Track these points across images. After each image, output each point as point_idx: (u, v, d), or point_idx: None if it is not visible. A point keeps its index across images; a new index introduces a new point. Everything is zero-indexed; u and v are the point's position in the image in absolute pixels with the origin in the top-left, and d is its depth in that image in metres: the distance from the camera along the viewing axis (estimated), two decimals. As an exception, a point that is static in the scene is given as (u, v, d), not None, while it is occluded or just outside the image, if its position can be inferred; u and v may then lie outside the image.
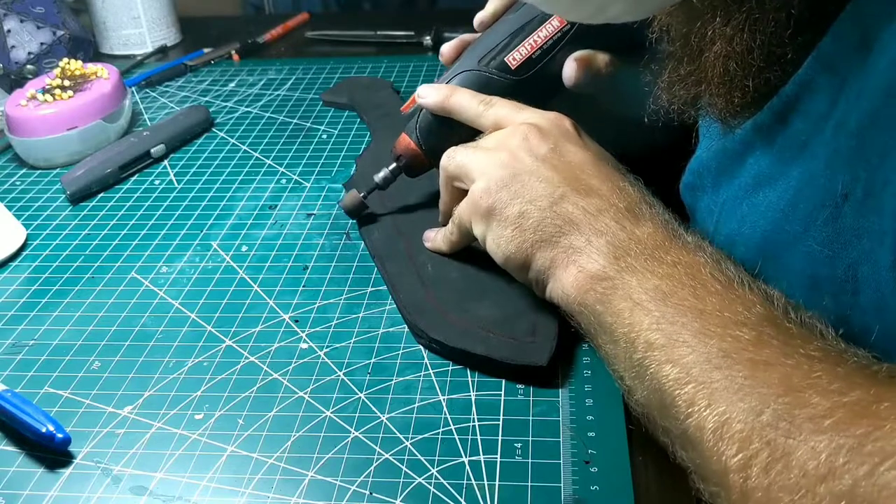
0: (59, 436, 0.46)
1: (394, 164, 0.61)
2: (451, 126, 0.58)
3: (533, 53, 0.58)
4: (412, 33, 1.05)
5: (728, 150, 0.45)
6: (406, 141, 0.60)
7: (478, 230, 0.51)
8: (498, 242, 0.49)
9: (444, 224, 0.58)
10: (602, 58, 0.58)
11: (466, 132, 0.56)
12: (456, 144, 0.57)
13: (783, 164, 0.41)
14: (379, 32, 1.07)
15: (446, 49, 0.63)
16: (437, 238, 0.58)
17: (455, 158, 0.54)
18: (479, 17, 0.61)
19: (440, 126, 0.59)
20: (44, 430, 0.46)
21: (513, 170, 0.50)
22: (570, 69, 0.57)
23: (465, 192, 0.53)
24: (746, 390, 0.34)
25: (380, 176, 0.61)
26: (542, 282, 0.48)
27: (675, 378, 0.37)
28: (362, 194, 0.63)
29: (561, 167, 0.49)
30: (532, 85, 0.59)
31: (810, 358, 0.34)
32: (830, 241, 0.38)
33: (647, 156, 0.51)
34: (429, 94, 0.58)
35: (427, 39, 1.03)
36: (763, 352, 0.35)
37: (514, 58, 0.58)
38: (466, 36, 0.63)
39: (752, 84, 0.40)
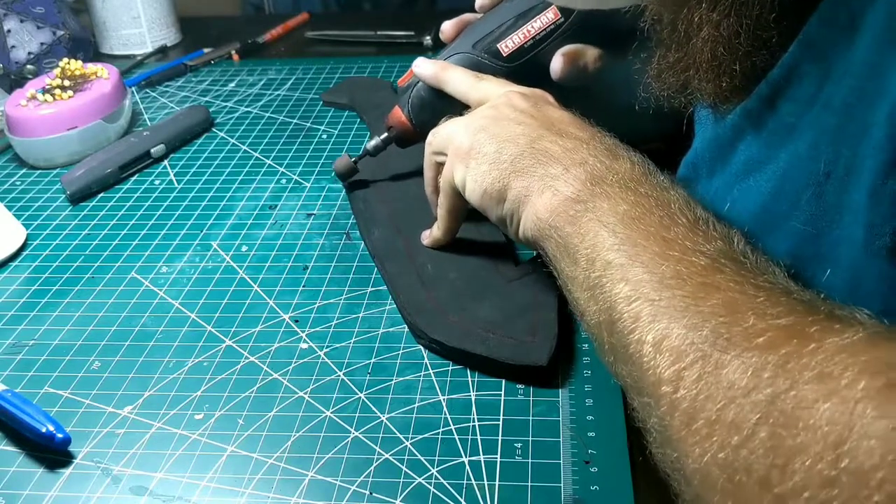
0: (59, 436, 0.46)
1: (385, 134, 0.64)
2: (442, 103, 0.61)
3: (525, 43, 0.60)
4: (412, 33, 1.05)
5: (720, 137, 0.46)
6: (398, 114, 0.63)
7: (458, 177, 0.52)
8: (475, 178, 0.50)
9: (434, 213, 0.59)
10: (591, 53, 0.59)
11: (456, 108, 0.58)
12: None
13: (772, 148, 0.42)
14: (379, 32, 1.07)
15: (447, 26, 0.65)
16: (433, 230, 0.59)
17: (438, 132, 0.56)
18: (481, 0, 0.63)
19: (431, 102, 0.62)
20: (44, 430, 0.46)
21: (492, 118, 0.52)
22: (557, 63, 0.59)
23: None
24: (691, 309, 0.35)
25: (371, 144, 0.65)
26: (515, 213, 0.48)
27: (626, 295, 0.38)
28: (353, 159, 0.66)
29: (540, 117, 0.51)
30: (522, 73, 0.60)
31: (758, 287, 0.35)
32: (814, 220, 0.39)
33: (637, 145, 0.52)
34: (425, 66, 0.61)
35: (427, 39, 1.03)
36: (714, 277, 0.36)
37: (507, 46, 0.60)
38: (467, 15, 0.65)
39: (739, 68, 0.41)
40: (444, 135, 0.54)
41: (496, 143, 0.49)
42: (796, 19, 0.38)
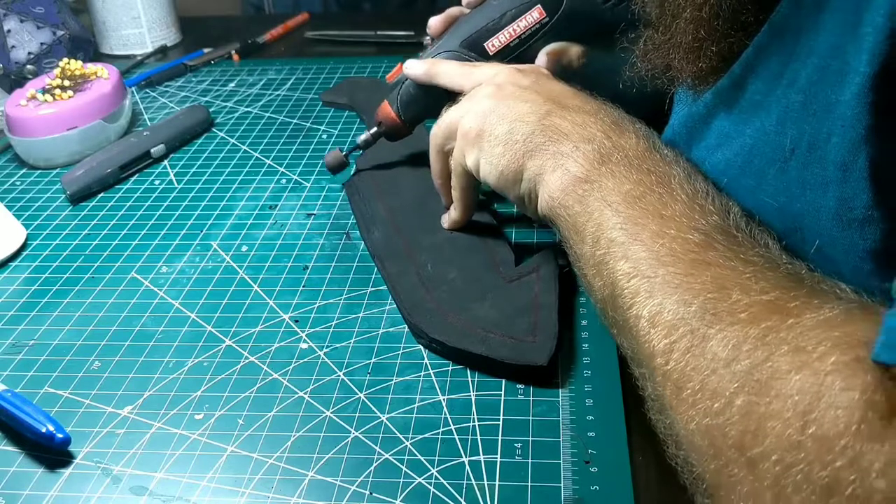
0: (59, 436, 0.46)
1: (374, 129, 0.65)
2: (431, 97, 0.61)
3: (511, 42, 0.61)
4: (412, 33, 1.05)
5: (694, 114, 0.47)
6: (387, 109, 0.64)
7: (471, 159, 0.53)
8: (490, 161, 0.51)
9: (445, 202, 0.61)
10: (575, 50, 0.61)
11: (445, 102, 0.59)
12: (433, 114, 0.61)
13: (740, 124, 0.43)
14: (379, 32, 1.07)
15: (434, 22, 0.66)
16: (450, 213, 0.60)
17: (443, 121, 0.56)
18: None
19: (420, 97, 0.63)
20: (44, 430, 0.46)
21: (497, 97, 0.52)
22: (541, 61, 0.60)
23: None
24: (684, 286, 0.37)
25: (361, 138, 0.66)
26: (532, 192, 0.49)
27: (626, 272, 0.40)
28: (344, 153, 0.67)
29: (544, 92, 0.52)
30: None
31: (747, 262, 0.36)
32: (778, 194, 0.40)
33: None
34: (415, 66, 0.62)
35: (427, 39, 1.02)
36: (707, 254, 0.38)
37: (493, 44, 0.61)
38: (453, 10, 0.65)
39: (716, 49, 0.42)
40: (450, 121, 0.55)
41: (507, 124, 0.50)
42: (770, 1, 0.40)
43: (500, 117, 0.51)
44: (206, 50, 1.05)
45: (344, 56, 1.03)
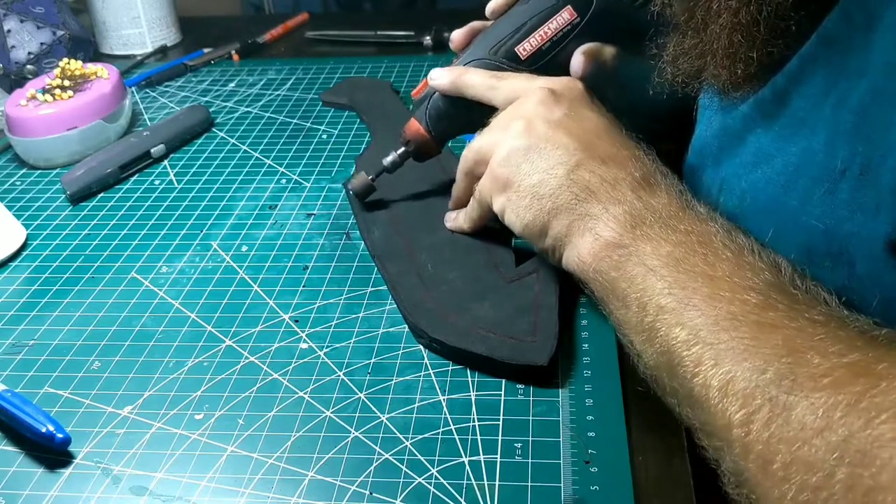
0: (59, 436, 0.46)
1: (402, 149, 0.62)
2: (461, 111, 0.59)
3: (543, 45, 0.59)
4: (412, 33, 1.05)
5: (729, 127, 0.46)
6: (415, 126, 0.61)
7: (497, 204, 0.52)
8: (516, 212, 0.50)
9: (453, 209, 0.60)
10: (609, 51, 0.59)
11: (477, 116, 0.57)
12: (465, 129, 0.59)
13: (783, 141, 0.42)
14: (379, 32, 1.07)
15: (457, 36, 0.63)
16: (458, 217, 0.59)
17: (473, 146, 0.55)
18: (492, 6, 0.62)
19: (449, 111, 0.60)
20: (44, 430, 0.46)
21: (529, 140, 0.50)
22: (577, 62, 0.58)
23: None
24: (751, 351, 0.35)
25: (388, 160, 0.63)
26: (558, 249, 0.49)
27: (683, 340, 0.38)
28: (370, 177, 0.64)
29: (576, 132, 0.50)
30: (541, 75, 0.59)
31: (813, 322, 0.35)
32: (825, 216, 0.39)
33: (649, 143, 0.52)
34: (441, 76, 0.59)
35: (427, 39, 1.03)
36: (769, 315, 0.36)
37: (525, 48, 0.59)
38: (476, 23, 0.63)
39: (756, 56, 0.41)
40: (480, 148, 0.54)
41: (537, 175, 0.49)
42: (817, 9, 0.38)
43: (531, 166, 0.49)
44: (206, 50, 1.05)
45: (344, 56, 1.03)
